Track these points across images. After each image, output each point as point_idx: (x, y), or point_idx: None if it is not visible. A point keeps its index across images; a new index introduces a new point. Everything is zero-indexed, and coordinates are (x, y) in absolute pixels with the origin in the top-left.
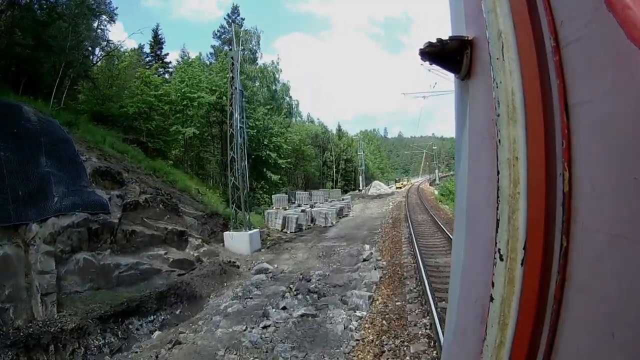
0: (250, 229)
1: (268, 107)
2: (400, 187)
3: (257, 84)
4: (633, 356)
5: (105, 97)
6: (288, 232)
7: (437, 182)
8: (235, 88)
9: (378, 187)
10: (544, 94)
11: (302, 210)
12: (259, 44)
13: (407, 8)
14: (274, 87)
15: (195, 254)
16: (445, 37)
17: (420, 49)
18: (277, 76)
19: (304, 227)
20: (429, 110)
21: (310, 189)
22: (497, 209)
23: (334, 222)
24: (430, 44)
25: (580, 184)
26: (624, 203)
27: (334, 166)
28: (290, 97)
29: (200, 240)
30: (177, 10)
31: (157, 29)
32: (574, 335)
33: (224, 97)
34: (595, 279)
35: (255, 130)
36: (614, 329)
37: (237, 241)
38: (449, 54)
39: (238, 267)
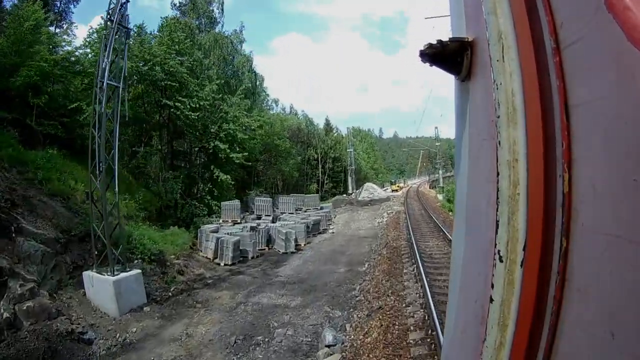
0: (124, 270)
1: (219, 82)
2: (397, 190)
3: (211, 55)
4: (633, 356)
5: (3, 68)
6: (222, 263)
7: (441, 184)
8: (112, 21)
9: (371, 190)
10: (544, 95)
11: (252, 228)
12: (222, 11)
13: (403, 8)
14: (231, 59)
15: (7, 315)
16: (444, 38)
17: (420, 50)
18: (238, 47)
19: (250, 255)
20: (427, 111)
21: (285, 193)
22: (497, 210)
23: (303, 245)
24: (430, 46)
25: (580, 185)
26: (624, 204)
27: (320, 166)
28: (254, 72)
29: (32, 284)
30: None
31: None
32: (574, 336)
33: (161, 68)
34: (595, 279)
35: (200, 113)
36: (614, 330)
37: (99, 291)
38: (449, 56)
39: (90, 342)
